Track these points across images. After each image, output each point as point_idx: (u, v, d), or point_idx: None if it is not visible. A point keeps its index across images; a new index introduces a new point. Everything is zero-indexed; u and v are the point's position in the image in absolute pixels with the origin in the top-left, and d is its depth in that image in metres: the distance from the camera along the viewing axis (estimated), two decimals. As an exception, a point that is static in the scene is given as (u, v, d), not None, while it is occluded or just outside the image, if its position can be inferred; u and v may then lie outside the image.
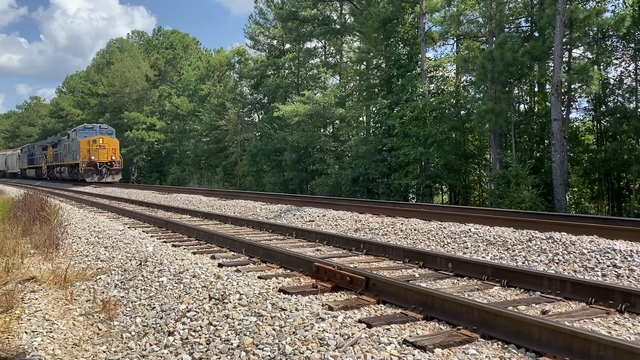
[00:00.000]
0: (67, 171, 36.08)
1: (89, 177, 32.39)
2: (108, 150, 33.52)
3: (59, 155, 38.77)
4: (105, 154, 33.33)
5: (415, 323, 3.84)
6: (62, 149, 37.73)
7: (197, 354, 3.51)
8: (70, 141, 35.75)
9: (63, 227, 9.55)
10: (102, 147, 33.28)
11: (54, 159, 40.62)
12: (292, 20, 30.09)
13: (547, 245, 6.30)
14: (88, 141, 33.18)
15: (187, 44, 52.96)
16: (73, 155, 34.64)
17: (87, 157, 32.67)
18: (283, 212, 11.53)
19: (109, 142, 33.95)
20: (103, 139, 33.62)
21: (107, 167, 33.16)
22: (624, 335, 3.63)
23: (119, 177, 34.09)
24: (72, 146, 34.65)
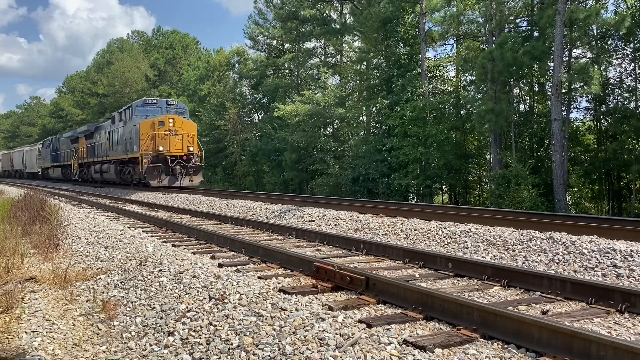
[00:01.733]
0: (114, 170, 25.14)
1: (154, 178, 21.14)
2: (183, 137, 21.83)
3: (98, 148, 28.43)
4: (180, 143, 21.78)
5: (415, 323, 3.84)
6: (104, 138, 27.21)
7: (197, 354, 3.51)
8: (118, 126, 24.66)
9: (63, 227, 9.55)
10: (174, 133, 21.57)
11: (89, 153, 30.30)
12: (291, 20, 30.10)
13: (547, 245, 6.30)
14: (152, 123, 21.48)
15: (186, 44, 52.97)
16: (125, 145, 23.38)
17: (151, 147, 21.30)
18: (283, 212, 11.53)
19: (183, 125, 22.10)
20: (175, 121, 21.75)
21: (183, 163, 21.64)
22: (624, 335, 3.63)
23: (200, 179, 22.58)
24: (124, 132, 23.58)
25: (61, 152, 38.22)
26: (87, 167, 31.05)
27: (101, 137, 27.99)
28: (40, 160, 44.80)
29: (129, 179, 23.94)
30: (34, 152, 47.21)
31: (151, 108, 23.04)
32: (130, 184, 24.04)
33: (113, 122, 25.94)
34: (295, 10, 30.07)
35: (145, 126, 21.60)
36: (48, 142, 43.11)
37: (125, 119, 23.93)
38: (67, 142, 36.42)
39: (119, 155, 24.42)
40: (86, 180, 31.94)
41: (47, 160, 41.91)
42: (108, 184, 28.04)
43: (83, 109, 64.68)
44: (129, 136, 23.05)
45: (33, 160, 47.39)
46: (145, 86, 50.44)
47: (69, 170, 35.72)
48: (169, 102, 24.11)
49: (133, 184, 23.71)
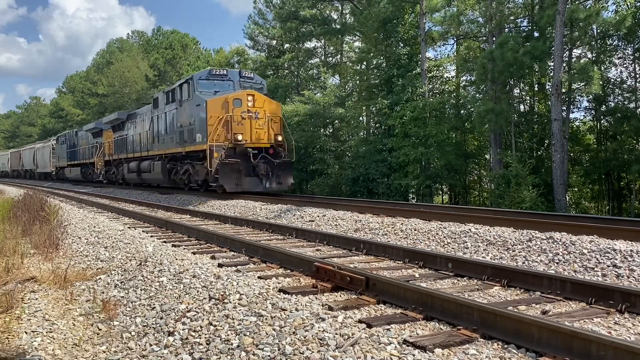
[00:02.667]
0: (161, 168, 18.86)
1: (230, 180, 15.03)
2: (267, 122, 15.98)
3: (132, 142, 22.53)
4: (263, 129, 15.85)
5: (415, 323, 3.84)
6: (142, 127, 21.19)
7: (197, 354, 3.51)
8: (167, 109, 18.44)
9: (63, 227, 9.55)
10: (256, 116, 15.57)
11: (118, 148, 24.52)
12: (291, 20, 30.09)
13: (547, 245, 6.30)
14: (224, 102, 15.49)
15: (186, 44, 52.95)
16: (181, 135, 17.12)
17: (223, 136, 15.31)
18: (283, 212, 11.53)
19: (265, 104, 16.14)
20: (256, 98, 15.75)
21: (269, 158, 15.72)
22: (624, 335, 3.63)
23: (291, 180, 16.44)
24: (179, 116, 17.35)
25: (79, 148, 32.43)
26: (117, 166, 25.14)
27: (137, 127, 22.14)
28: (54, 159, 38.92)
29: (185, 181, 17.92)
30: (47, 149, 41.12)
31: (219, 81, 16.47)
32: (185, 187, 18.11)
33: (156, 106, 19.66)
34: (295, 10, 30.06)
35: (215, 106, 15.19)
36: (63, 137, 36.92)
37: (180, 97, 17.23)
38: (87, 137, 30.50)
39: (168, 149, 18.26)
40: (113, 182, 26.33)
41: (63, 158, 36.07)
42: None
43: (83, 109, 64.69)
44: (187, 121, 16.60)
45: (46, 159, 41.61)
46: (145, 86, 50.43)
47: (90, 169, 29.95)
48: (243, 74, 17.04)
49: (190, 187, 17.86)
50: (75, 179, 33.92)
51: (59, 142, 38.18)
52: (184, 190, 18.36)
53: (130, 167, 22.80)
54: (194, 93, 16.48)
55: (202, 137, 15.86)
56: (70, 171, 34.46)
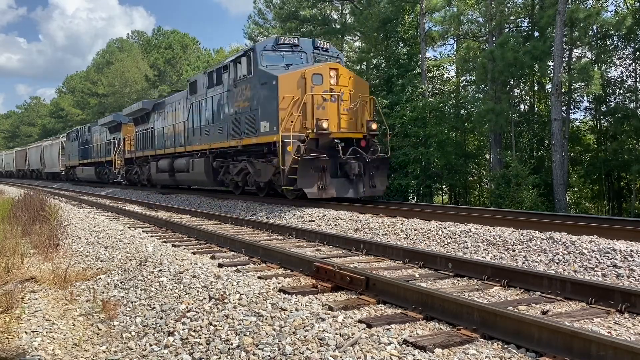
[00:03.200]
0: (205, 168, 15.54)
1: (310, 183, 11.44)
2: (358, 105, 12.44)
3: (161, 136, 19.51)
4: (351, 115, 12.37)
5: (415, 323, 3.84)
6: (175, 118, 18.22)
7: (197, 354, 3.51)
8: (212, 92, 15.13)
9: (63, 227, 9.55)
10: (339, 97, 12.07)
11: (142, 144, 21.40)
12: (291, 20, 30.09)
13: (547, 245, 6.30)
14: (299, 77, 11.95)
15: (186, 44, 52.95)
16: (235, 123, 13.76)
17: (298, 123, 11.85)
18: (283, 212, 11.53)
19: (351, 81, 12.62)
20: (340, 73, 12.26)
21: (361, 152, 12.17)
22: (624, 335, 3.63)
23: (386, 183, 13.08)
24: (234, 98, 13.79)
25: (93, 145, 29.35)
26: (141, 165, 22.03)
27: (166, 118, 18.97)
28: (64, 157, 35.77)
29: (238, 183, 14.34)
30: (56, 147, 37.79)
31: (289, 53, 12.84)
32: (237, 191, 14.63)
33: (194, 91, 16.40)
34: (295, 10, 30.05)
35: (289, 84, 11.63)
36: (74, 133, 33.99)
37: (234, 76, 13.55)
38: (102, 132, 27.56)
39: (215, 143, 14.74)
40: (135, 184, 23.20)
41: (74, 156, 32.80)
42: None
43: (83, 109, 64.71)
44: (245, 106, 13.04)
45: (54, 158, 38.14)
46: (145, 86, 50.44)
47: (106, 169, 27.10)
48: (317, 44, 13.29)
49: (245, 190, 14.48)
50: (88, 179, 30.63)
51: (69, 138, 34.71)
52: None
53: (160, 166, 19.28)
54: (256, 68, 12.52)
55: (269, 126, 12.16)
56: (83, 171, 31.09)
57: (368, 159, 12.08)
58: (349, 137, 12.12)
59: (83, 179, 31.90)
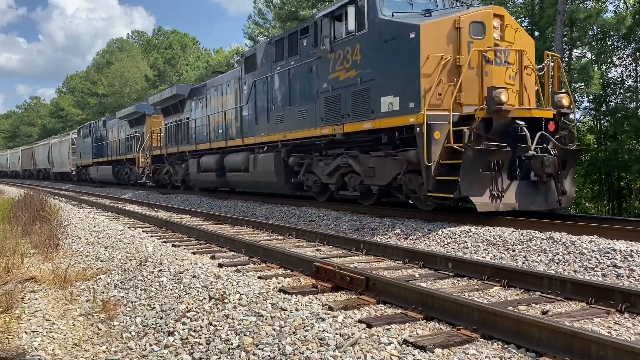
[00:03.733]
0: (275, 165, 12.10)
1: (481, 187, 7.53)
2: (541, 66, 8.72)
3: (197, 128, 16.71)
4: (515, 84, 8.25)
5: (415, 323, 3.84)
6: (222, 104, 15.11)
7: (197, 354, 3.51)
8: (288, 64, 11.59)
9: (63, 227, 9.56)
10: (506, 58, 8.21)
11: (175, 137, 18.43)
12: (291, 20, 30.10)
13: (547, 245, 6.30)
14: (450, 27, 8.08)
15: (186, 44, 52.99)
16: (334, 101, 9.99)
17: (449, 96, 7.84)
18: (283, 212, 11.53)
19: (517, 34, 8.58)
20: (505, 22, 8.39)
21: (555, 142, 7.97)
22: (624, 335, 3.63)
23: (575, 187, 8.87)
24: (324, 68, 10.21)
25: (109, 141, 26.52)
26: (174, 163, 18.87)
27: (209, 105, 16.00)
28: (75, 156, 32.73)
29: (328, 186, 11.04)
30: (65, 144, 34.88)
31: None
32: (321, 197, 11.47)
33: (252, 68, 13.16)
34: (295, 10, 30.07)
35: (436, 37, 8.21)
36: (87, 128, 30.82)
37: (331, 34, 10.12)
38: (120, 126, 24.58)
39: (293, 132, 11.35)
40: (164, 185, 20.08)
41: (87, 154, 29.57)
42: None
43: (83, 109, 64.75)
44: (353, 75, 9.52)
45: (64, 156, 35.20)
46: (144, 86, 50.47)
47: (126, 168, 24.20)
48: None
49: (333, 196, 11.16)
50: (103, 180, 27.47)
51: (81, 135, 31.51)
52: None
53: (204, 164, 15.92)
54: (375, 19, 8.97)
55: (399, 102, 8.46)
56: (97, 170, 27.79)
57: (566, 151, 8.22)
58: (535, 118, 7.98)
59: (98, 180, 28.75)
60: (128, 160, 23.76)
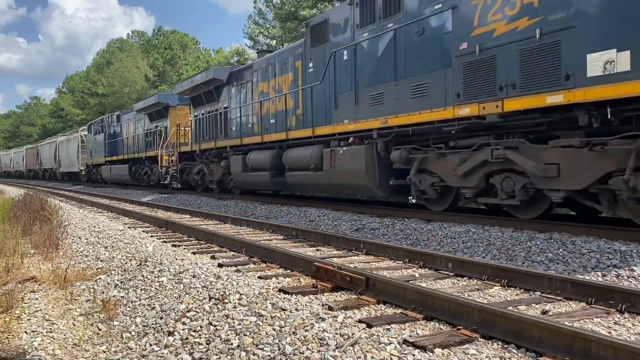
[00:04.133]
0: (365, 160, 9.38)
1: None
2: None
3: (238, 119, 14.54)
4: None
5: (415, 323, 3.84)
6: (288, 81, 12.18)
7: (197, 354, 3.51)
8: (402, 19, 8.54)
9: (63, 227, 9.56)
10: None
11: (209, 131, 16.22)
12: (291, 20, 30.12)
13: (547, 245, 6.30)
14: None
15: (186, 44, 53.00)
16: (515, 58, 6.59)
17: None
18: (283, 212, 11.53)
19: None
20: None
21: None
22: (624, 335, 3.63)
23: None
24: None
25: (125, 137, 24.14)
26: (208, 162, 16.40)
27: (257, 90, 13.56)
28: (85, 154, 30.30)
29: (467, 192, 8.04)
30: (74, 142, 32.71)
31: None
32: (438, 205, 8.92)
33: (321, 38, 11.00)
34: (295, 10, 30.07)
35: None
36: (99, 124, 28.35)
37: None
38: (138, 120, 22.29)
39: (400, 115, 8.74)
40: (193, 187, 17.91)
41: (99, 152, 27.26)
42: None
43: (83, 109, 64.74)
44: (531, 22, 6.55)
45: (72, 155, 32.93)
46: (144, 86, 50.48)
47: (146, 167, 21.81)
48: None
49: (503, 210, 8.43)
50: (118, 180, 24.89)
51: (91, 131, 29.06)
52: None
53: (251, 161, 13.45)
54: None
55: (630, 58, 5.60)
56: (111, 170, 25.18)
57: None
58: None
59: (111, 181, 26.32)
60: (148, 159, 21.20)
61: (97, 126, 28.93)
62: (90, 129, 30.06)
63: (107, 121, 27.42)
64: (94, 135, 29.06)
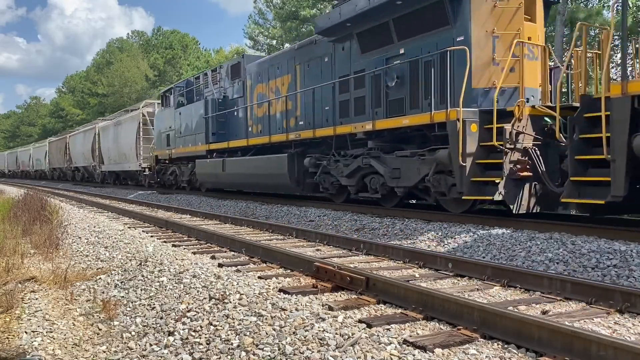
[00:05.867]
0: None
1: None
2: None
3: None
4: None
5: (416, 323, 3.84)
6: None
7: (197, 354, 3.51)
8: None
9: (63, 227, 9.56)
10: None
11: None
12: (291, 20, 30.13)
13: (547, 245, 6.30)
14: None
15: (186, 44, 53.03)
16: None
17: None
18: (283, 212, 11.54)
19: None
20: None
21: None
22: (624, 335, 3.63)
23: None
24: None
25: (253, 105, 14.02)
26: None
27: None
28: (149, 142, 20.66)
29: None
30: (129, 125, 22.73)
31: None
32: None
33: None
34: (295, 10, 30.08)
35: None
36: (183, 88, 17.47)
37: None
38: (308, 65, 11.96)
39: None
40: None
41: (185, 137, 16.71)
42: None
43: (83, 109, 64.76)
44: None
45: (125, 145, 22.83)
46: (145, 86, 50.51)
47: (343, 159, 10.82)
48: None
49: None
50: (245, 186, 14.82)
51: (169, 102, 18.15)
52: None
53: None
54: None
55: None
56: (225, 167, 14.17)
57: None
58: None
59: (223, 186, 15.56)
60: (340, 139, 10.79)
61: (178, 93, 17.49)
62: (165, 100, 18.80)
63: (207, 79, 16.23)
64: (175, 109, 17.40)
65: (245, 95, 14.84)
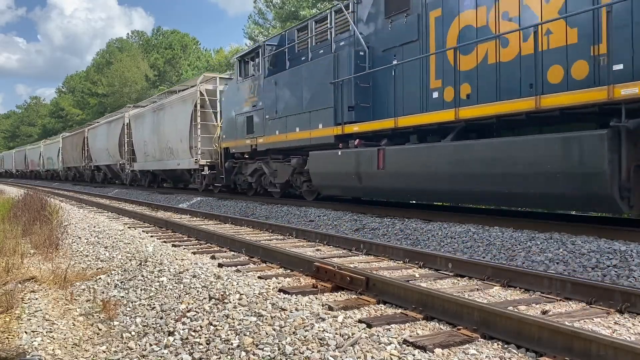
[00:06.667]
0: None
1: None
2: None
3: None
4: None
5: (415, 323, 3.84)
6: None
7: (197, 354, 3.51)
8: None
9: (63, 227, 9.56)
10: None
11: None
12: (291, 20, 30.13)
13: (547, 245, 6.30)
14: None
15: (186, 44, 53.03)
16: None
17: None
18: (283, 212, 11.53)
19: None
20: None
21: None
22: (624, 335, 3.63)
23: None
24: None
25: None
26: None
27: None
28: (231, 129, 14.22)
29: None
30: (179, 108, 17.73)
31: None
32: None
33: None
34: (295, 10, 30.09)
35: None
36: (272, 46, 12.94)
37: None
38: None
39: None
40: None
41: (285, 119, 11.68)
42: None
43: (83, 109, 64.76)
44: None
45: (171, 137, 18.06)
46: (145, 86, 50.51)
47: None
48: None
49: None
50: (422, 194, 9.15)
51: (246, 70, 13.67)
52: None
53: None
54: None
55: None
56: (382, 163, 8.91)
57: None
58: None
59: (367, 194, 10.67)
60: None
61: (275, 51, 12.85)
62: (244, 68, 13.84)
63: (329, 25, 11.70)
64: (266, 77, 12.65)
65: (422, 37, 8.97)
